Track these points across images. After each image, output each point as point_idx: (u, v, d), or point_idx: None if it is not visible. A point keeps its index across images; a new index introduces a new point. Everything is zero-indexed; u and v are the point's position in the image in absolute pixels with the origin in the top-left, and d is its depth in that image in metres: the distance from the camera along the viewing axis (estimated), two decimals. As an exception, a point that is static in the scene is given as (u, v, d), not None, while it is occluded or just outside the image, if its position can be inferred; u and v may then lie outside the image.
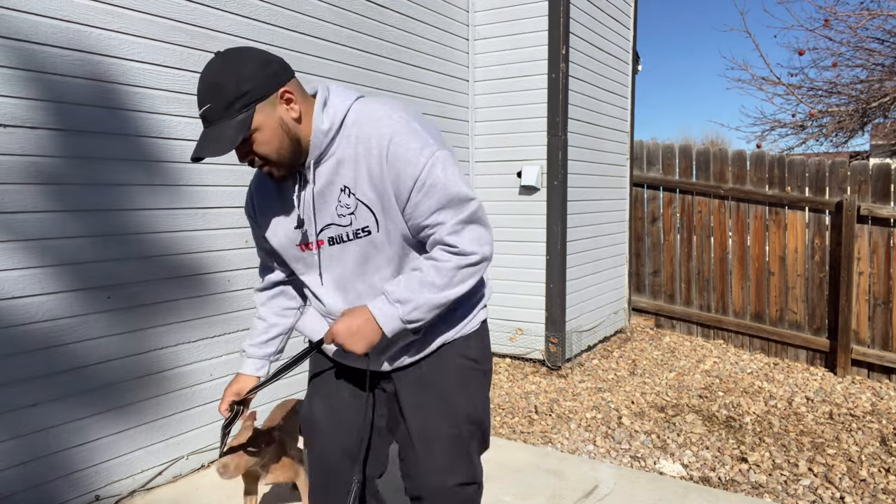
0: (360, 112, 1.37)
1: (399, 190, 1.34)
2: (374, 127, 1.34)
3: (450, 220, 1.35)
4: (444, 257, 1.37)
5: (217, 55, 1.30)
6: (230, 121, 1.27)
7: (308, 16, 3.36)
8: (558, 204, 4.57)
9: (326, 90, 1.40)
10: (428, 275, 1.37)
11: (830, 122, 9.08)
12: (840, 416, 4.03)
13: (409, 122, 1.35)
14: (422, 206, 1.34)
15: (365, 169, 1.35)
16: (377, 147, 1.33)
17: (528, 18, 4.56)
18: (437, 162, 1.33)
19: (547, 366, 4.72)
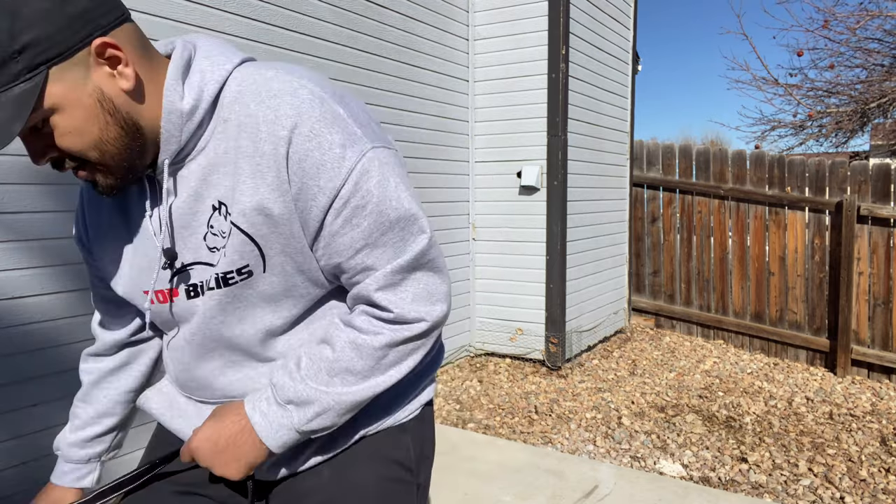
0: (246, 82, 0.86)
1: (306, 210, 0.85)
2: (267, 107, 0.83)
3: (384, 264, 0.87)
4: (371, 327, 0.89)
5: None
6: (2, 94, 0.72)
7: (308, 16, 3.36)
8: (558, 204, 4.57)
9: (191, 47, 0.87)
10: (342, 355, 0.89)
11: (830, 123, 9.08)
12: (840, 416, 4.03)
13: (324, 100, 0.84)
14: (341, 239, 0.86)
15: (250, 174, 0.84)
16: (271, 139, 0.83)
17: (528, 18, 4.56)
18: (370, 167, 0.84)
19: (547, 366, 4.72)
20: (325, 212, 0.85)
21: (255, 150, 0.84)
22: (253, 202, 0.84)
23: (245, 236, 0.86)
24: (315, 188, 0.83)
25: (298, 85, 0.85)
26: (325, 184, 0.83)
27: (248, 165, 0.84)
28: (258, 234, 0.86)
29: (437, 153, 4.48)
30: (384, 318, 0.89)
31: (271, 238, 0.87)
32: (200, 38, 0.90)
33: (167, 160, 0.86)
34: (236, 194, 0.85)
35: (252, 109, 0.84)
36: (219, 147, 0.86)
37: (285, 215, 0.85)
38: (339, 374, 0.89)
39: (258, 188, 0.84)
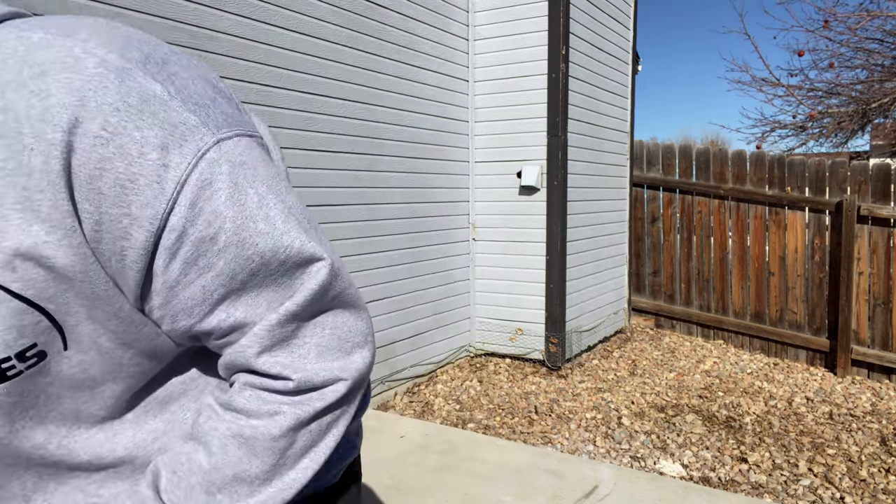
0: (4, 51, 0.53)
1: (116, 255, 0.55)
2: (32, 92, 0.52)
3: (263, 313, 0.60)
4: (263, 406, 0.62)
5: None
6: None
7: (308, 16, 3.36)
8: (558, 204, 4.57)
9: None
10: (225, 459, 0.62)
11: (830, 123, 9.08)
12: (840, 416, 4.03)
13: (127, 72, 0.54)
14: (186, 292, 0.58)
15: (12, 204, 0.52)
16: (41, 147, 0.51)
17: (528, 18, 4.56)
18: (215, 175, 0.56)
19: (547, 366, 4.72)
20: (150, 255, 0.54)
21: (17, 166, 0.51)
22: (23, 247, 0.51)
23: (20, 301, 0.53)
24: (124, 220, 0.53)
25: (81, 52, 0.52)
26: (138, 211, 0.53)
27: (10, 191, 0.51)
28: (42, 295, 0.53)
29: (437, 153, 4.48)
30: (280, 390, 0.61)
31: (66, 299, 0.54)
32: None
33: None
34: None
35: (9, 98, 0.51)
36: None
37: (78, 266, 0.53)
38: (226, 488, 0.61)
39: (29, 225, 0.51)
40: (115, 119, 0.52)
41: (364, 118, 3.79)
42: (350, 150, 3.70)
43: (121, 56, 0.54)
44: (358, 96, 3.73)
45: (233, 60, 2.96)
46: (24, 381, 0.56)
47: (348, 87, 3.65)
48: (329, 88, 3.52)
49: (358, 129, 3.75)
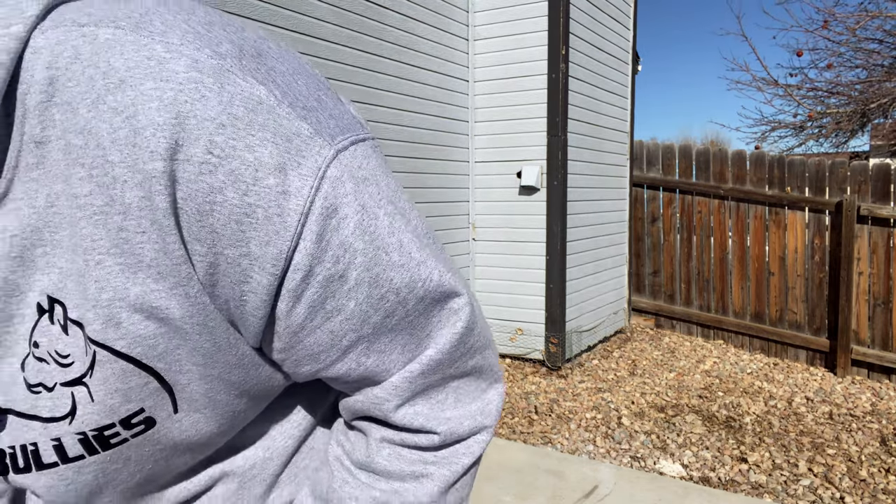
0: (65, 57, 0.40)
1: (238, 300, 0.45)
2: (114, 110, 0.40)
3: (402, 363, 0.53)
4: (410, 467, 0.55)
5: None
6: None
7: (308, 16, 3.36)
8: (558, 204, 4.57)
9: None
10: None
11: (830, 123, 9.09)
12: (840, 416, 4.03)
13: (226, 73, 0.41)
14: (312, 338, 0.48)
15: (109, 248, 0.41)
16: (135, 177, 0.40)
17: (528, 18, 4.56)
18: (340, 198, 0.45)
19: (547, 366, 4.72)
20: (274, 298, 0.45)
21: (108, 203, 0.41)
22: (129, 298, 0.43)
23: (126, 362, 0.45)
24: (243, 261, 0.43)
25: (164, 50, 0.41)
26: (259, 250, 0.43)
27: (103, 232, 0.42)
28: (150, 353, 0.45)
29: (437, 153, 4.48)
30: (424, 447, 0.54)
31: (178, 355, 0.46)
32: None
33: None
34: (89, 287, 0.43)
35: (85, 119, 0.40)
36: (36, 195, 0.42)
37: (197, 317, 0.45)
38: None
39: (133, 273, 0.42)
40: (222, 138, 0.41)
41: (364, 118, 3.79)
42: (350, 150, 3.70)
43: (214, 52, 0.42)
44: (358, 96, 3.73)
45: (233, 60, 2.96)
46: (129, 449, 0.49)
47: (348, 88, 3.65)
48: (329, 88, 3.52)
49: (358, 129, 3.75)
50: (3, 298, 0.44)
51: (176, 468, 0.53)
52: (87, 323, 0.44)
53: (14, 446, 0.47)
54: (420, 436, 0.53)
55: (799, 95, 8.98)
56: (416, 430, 0.53)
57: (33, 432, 0.46)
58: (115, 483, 0.50)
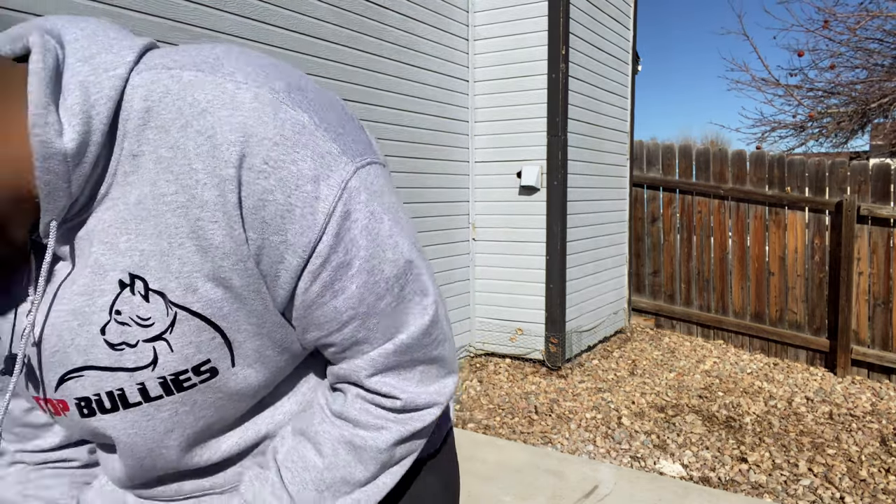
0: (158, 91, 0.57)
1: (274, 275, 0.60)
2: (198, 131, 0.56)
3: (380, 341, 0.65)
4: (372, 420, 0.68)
5: None
6: None
7: (308, 16, 3.36)
8: (558, 204, 4.58)
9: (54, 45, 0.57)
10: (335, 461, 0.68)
11: (830, 123, 9.09)
12: (840, 416, 4.03)
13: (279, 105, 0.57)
14: (320, 311, 0.63)
15: (188, 234, 0.57)
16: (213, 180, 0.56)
17: (528, 18, 4.56)
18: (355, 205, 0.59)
19: (547, 366, 4.72)
20: (298, 276, 0.60)
21: (190, 200, 0.56)
22: (203, 272, 0.58)
23: (199, 320, 0.59)
24: (281, 245, 0.58)
25: (234, 87, 0.56)
26: (294, 238, 0.57)
27: (184, 222, 0.56)
28: (219, 314, 0.60)
29: (437, 153, 4.48)
30: (388, 408, 0.68)
31: (237, 317, 0.60)
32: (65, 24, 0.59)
33: (54, 221, 0.56)
34: (171, 264, 0.57)
35: (175, 138, 0.55)
36: (128, 195, 0.57)
37: (252, 284, 0.59)
38: (332, 487, 0.68)
39: (206, 252, 0.57)
40: (275, 153, 0.56)
41: (364, 118, 3.79)
42: (350, 150, 3.71)
43: (270, 88, 0.57)
44: (358, 96, 3.73)
45: (233, 60, 2.96)
46: (196, 393, 0.64)
47: (348, 88, 3.65)
48: (329, 88, 3.52)
49: (358, 129, 3.75)
50: (93, 277, 0.59)
51: (230, 416, 0.68)
52: (168, 291, 0.58)
53: (98, 393, 0.62)
54: (386, 399, 0.68)
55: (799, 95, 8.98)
56: (383, 395, 0.67)
57: (119, 380, 0.61)
58: (183, 425, 0.65)
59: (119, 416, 0.64)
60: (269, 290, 0.61)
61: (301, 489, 0.68)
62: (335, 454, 0.68)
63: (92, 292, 0.60)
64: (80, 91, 0.55)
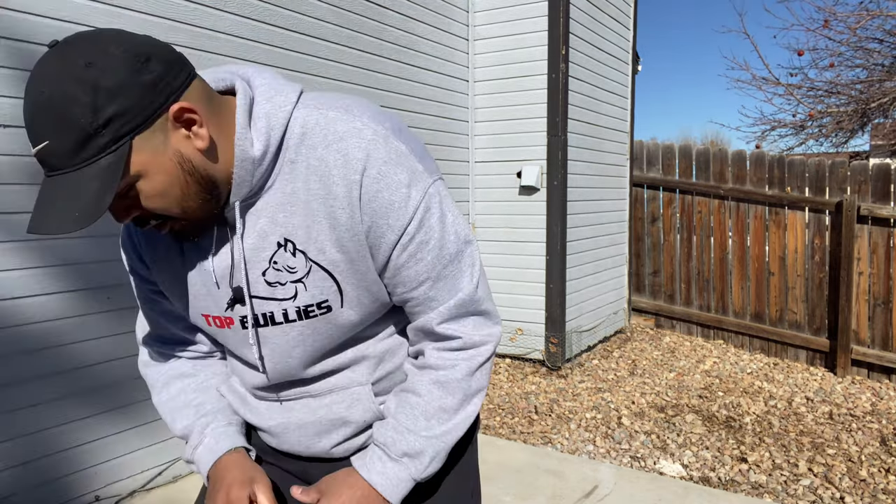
0: (309, 124, 0.87)
1: (376, 247, 0.89)
2: (336, 151, 0.85)
3: (446, 298, 0.93)
4: (446, 361, 0.95)
5: (55, 48, 0.75)
6: (84, 168, 0.74)
7: (308, 16, 3.36)
8: (558, 204, 4.57)
9: (247, 86, 0.88)
10: (431, 397, 0.95)
11: (830, 123, 9.08)
12: (840, 416, 4.03)
13: (388, 138, 0.87)
14: (406, 272, 0.91)
15: (324, 215, 0.87)
16: (344, 181, 0.85)
17: (528, 18, 4.56)
18: (432, 204, 0.90)
19: (547, 366, 4.72)
20: (393, 248, 0.89)
21: (327, 193, 0.86)
22: (331, 241, 0.88)
23: (325, 273, 0.90)
24: (384, 226, 0.87)
25: (361, 125, 0.87)
26: (393, 222, 0.87)
27: (322, 207, 0.87)
28: (337, 270, 0.90)
29: (437, 153, 4.48)
30: (453, 348, 0.96)
31: (348, 274, 0.91)
32: (253, 73, 0.90)
33: (238, 202, 0.87)
34: (312, 234, 0.88)
35: (321, 153, 0.86)
36: (286, 187, 0.87)
37: (360, 251, 0.89)
38: (433, 415, 0.95)
39: (334, 228, 0.87)
40: (385, 168, 0.86)
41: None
42: (350, 150, 3.71)
43: (382, 126, 0.88)
44: (357, 96, 3.73)
45: (232, 60, 2.96)
46: (316, 322, 0.94)
47: (348, 88, 3.65)
48: (329, 89, 3.52)
49: (358, 129, 3.75)
50: (258, 239, 0.89)
51: (333, 343, 0.97)
52: (308, 251, 0.89)
53: (263, 313, 0.94)
54: (451, 341, 0.95)
55: (799, 95, 8.98)
56: (449, 337, 0.95)
57: (270, 306, 0.93)
58: (304, 343, 0.96)
59: (267, 330, 0.95)
60: (373, 256, 0.90)
61: (414, 421, 0.95)
62: (429, 393, 0.95)
63: (258, 248, 0.90)
64: (265, 120, 0.85)
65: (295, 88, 0.90)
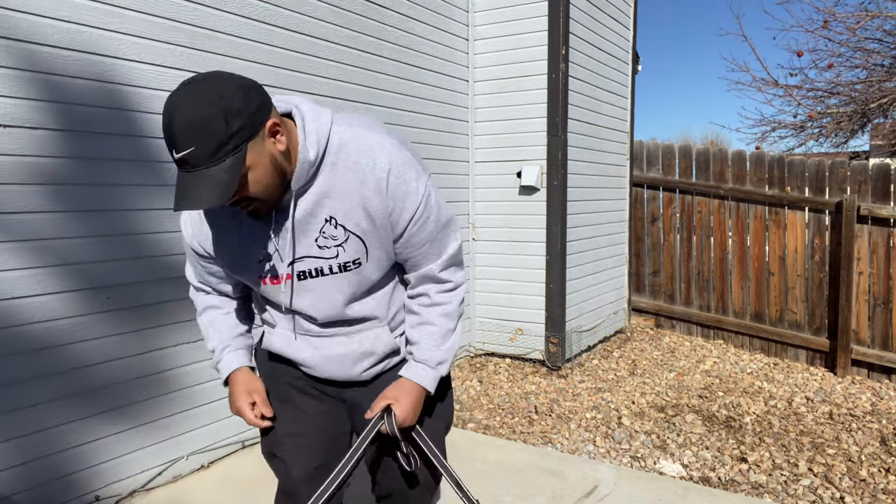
0: (345, 137, 1.29)
1: (396, 222, 1.32)
2: (367, 156, 1.28)
3: (441, 254, 1.41)
4: (445, 298, 1.45)
5: (188, 85, 1.12)
6: (219, 164, 1.11)
7: (308, 16, 3.36)
8: (558, 204, 4.57)
9: (299, 111, 1.27)
10: (442, 325, 1.44)
11: (830, 123, 9.08)
12: (840, 416, 4.03)
13: (400, 148, 1.31)
14: (416, 238, 1.36)
15: (358, 200, 1.29)
16: (374, 178, 1.27)
17: (528, 18, 4.56)
18: (430, 192, 1.35)
19: (547, 366, 4.72)
20: (408, 223, 1.33)
21: (362, 186, 1.29)
22: (363, 217, 1.31)
23: (358, 239, 1.34)
24: (402, 209, 1.31)
25: (382, 139, 1.31)
26: (409, 206, 1.32)
27: (356, 195, 1.29)
28: (366, 237, 1.34)
29: (437, 153, 4.48)
30: (448, 289, 1.45)
31: (373, 239, 1.34)
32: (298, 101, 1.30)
33: (295, 191, 1.27)
34: (349, 213, 1.30)
35: (355, 158, 1.28)
36: (328, 181, 1.29)
37: (384, 225, 1.32)
38: (445, 336, 1.45)
39: (366, 209, 1.30)
40: (402, 169, 1.29)
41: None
42: (350, 150, 3.70)
43: (395, 140, 1.32)
44: (358, 96, 3.73)
45: (233, 60, 2.96)
46: (352, 274, 1.37)
47: (348, 87, 3.65)
48: (329, 89, 3.52)
49: (358, 129, 3.75)
50: (310, 217, 1.30)
51: (361, 291, 1.40)
52: (346, 225, 1.31)
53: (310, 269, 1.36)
54: (447, 283, 1.44)
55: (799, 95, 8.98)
56: (445, 281, 1.43)
57: (319, 263, 1.35)
58: (342, 290, 1.38)
59: (318, 281, 1.37)
60: (392, 229, 1.33)
61: (436, 342, 1.43)
62: (440, 322, 1.44)
63: (305, 222, 1.31)
64: (315, 135, 1.25)
65: (328, 111, 1.31)
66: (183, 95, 1.10)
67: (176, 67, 2.73)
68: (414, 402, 1.41)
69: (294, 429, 1.51)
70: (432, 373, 1.44)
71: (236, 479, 2.83)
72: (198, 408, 2.92)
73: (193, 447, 2.91)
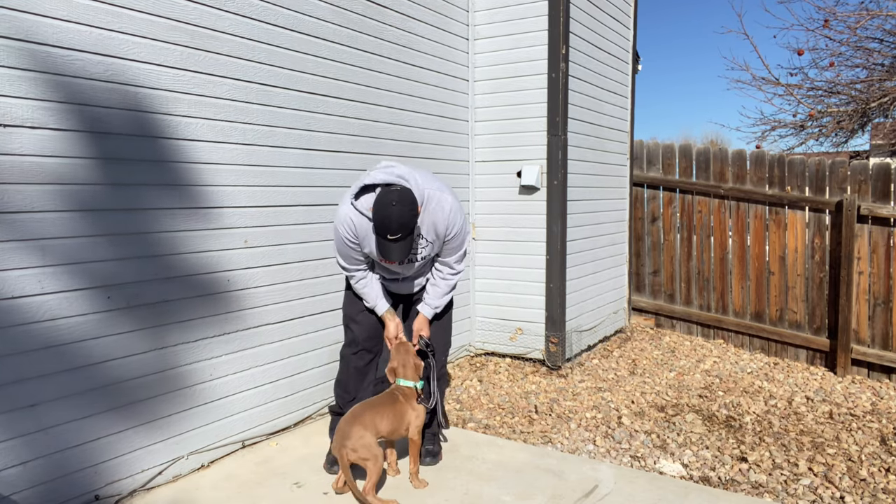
0: (433, 198, 2.67)
1: (446, 242, 2.77)
2: (443, 212, 2.68)
3: (457, 256, 2.87)
4: (451, 276, 2.92)
5: (395, 204, 2.46)
6: (409, 237, 2.53)
7: (308, 15, 3.36)
8: (558, 204, 4.57)
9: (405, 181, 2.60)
10: (445, 287, 2.93)
11: (830, 122, 9.08)
12: (840, 415, 4.03)
13: (452, 201, 2.72)
14: (449, 247, 2.81)
15: (434, 231, 2.72)
16: (444, 223, 2.70)
17: (528, 18, 4.56)
18: (464, 224, 2.78)
19: (547, 365, 4.72)
20: (450, 239, 2.77)
21: (435, 224, 2.71)
22: (434, 237, 2.75)
23: (431, 245, 2.78)
24: (451, 236, 2.76)
25: (446, 196, 2.72)
26: (454, 235, 2.76)
27: (433, 227, 2.71)
28: (434, 245, 2.78)
29: (437, 153, 4.48)
30: (454, 272, 2.92)
31: (436, 246, 2.79)
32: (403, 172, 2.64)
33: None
34: (429, 235, 2.73)
35: (434, 208, 2.69)
36: (423, 222, 2.69)
37: (439, 240, 2.76)
38: (445, 294, 2.94)
39: (436, 234, 2.73)
40: (453, 215, 2.76)
41: (364, 118, 3.79)
42: (350, 150, 3.70)
43: (449, 192, 2.78)
44: (358, 96, 3.73)
45: (233, 60, 2.96)
46: (426, 263, 2.96)
47: (348, 87, 3.65)
48: (330, 88, 3.52)
49: (358, 129, 3.75)
50: (418, 238, 2.79)
51: (427, 269, 3.01)
52: (429, 241, 2.82)
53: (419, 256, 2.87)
54: (454, 268, 2.96)
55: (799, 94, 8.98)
56: (454, 268, 2.96)
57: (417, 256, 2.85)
58: (415, 271, 2.99)
59: (417, 265, 2.89)
60: (442, 243, 2.80)
61: (439, 294, 2.94)
62: (444, 286, 2.94)
63: (416, 240, 2.75)
64: (419, 196, 2.64)
65: (415, 177, 2.65)
66: (394, 209, 2.46)
67: (175, 67, 2.73)
68: (424, 322, 2.92)
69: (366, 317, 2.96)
70: (432, 311, 2.92)
71: (236, 479, 2.83)
72: (198, 407, 2.92)
73: (193, 446, 2.91)
